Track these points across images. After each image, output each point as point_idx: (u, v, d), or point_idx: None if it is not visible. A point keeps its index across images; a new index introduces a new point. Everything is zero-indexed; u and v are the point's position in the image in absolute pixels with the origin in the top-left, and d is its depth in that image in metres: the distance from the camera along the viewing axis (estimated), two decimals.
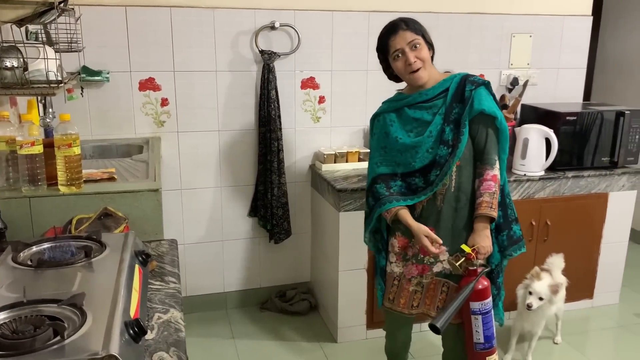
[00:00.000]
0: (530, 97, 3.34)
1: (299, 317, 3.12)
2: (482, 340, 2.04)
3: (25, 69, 1.77)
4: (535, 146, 2.91)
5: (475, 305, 2.00)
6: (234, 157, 3.00)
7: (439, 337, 2.13)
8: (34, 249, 1.52)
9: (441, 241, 1.95)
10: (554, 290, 2.58)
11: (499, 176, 1.98)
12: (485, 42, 3.25)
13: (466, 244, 1.99)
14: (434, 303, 2.10)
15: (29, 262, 1.44)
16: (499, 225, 2.06)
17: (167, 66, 2.77)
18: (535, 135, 2.90)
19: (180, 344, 1.27)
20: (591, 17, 3.42)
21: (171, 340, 1.28)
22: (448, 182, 1.97)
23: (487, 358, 2.07)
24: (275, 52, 2.87)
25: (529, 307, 2.56)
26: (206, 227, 3.05)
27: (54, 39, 2.11)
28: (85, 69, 2.59)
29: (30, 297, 1.21)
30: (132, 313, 1.22)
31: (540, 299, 2.56)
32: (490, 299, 2.02)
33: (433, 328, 1.86)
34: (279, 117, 2.92)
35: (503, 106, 3.24)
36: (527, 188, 2.91)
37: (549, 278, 2.63)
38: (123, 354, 1.03)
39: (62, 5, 1.90)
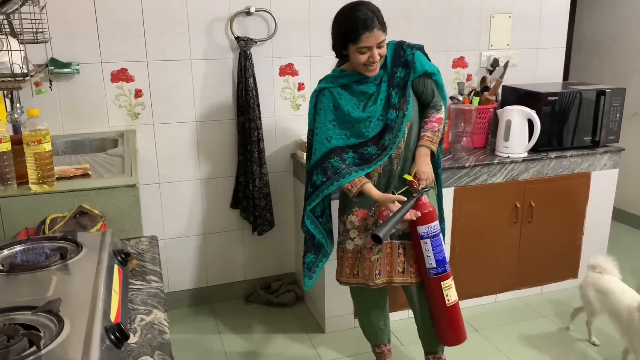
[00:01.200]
0: (511, 78, 3.31)
1: (285, 308, 3.08)
2: (434, 265, 2.11)
3: None
4: (518, 128, 2.89)
5: (422, 230, 2.08)
6: (212, 149, 2.92)
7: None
8: (5, 252, 1.44)
9: (404, 198, 2.01)
10: None
11: (443, 118, 2.16)
12: (464, 23, 3.21)
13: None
14: (395, 267, 2.19)
15: (0, 267, 1.37)
16: None
17: (140, 56, 2.67)
18: (518, 117, 2.88)
19: (165, 347, 1.21)
20: None
21: (155, 343, 1.22)
22: (402, 145, 2.09)
23: (441, 283, 2.13)
24: (252, 39, 2.78)
25: None
26: (187, 221, 2.97)
27: (18, 29, 1.99)
28: (54, 61, 2.48)
29: (1, 305, 1.14)
30: (112, 317, 1.16)
31: None
32: (437, 223, 2.10)
33: (375, 238, 1.93)
34: (258, 105, 2.85)
35: (484, 88, 3.21)
36: (510, 170, 2.90)
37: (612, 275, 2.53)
38: None
39: None
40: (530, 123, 2.88)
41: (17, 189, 1.74)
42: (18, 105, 2.38)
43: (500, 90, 3.24)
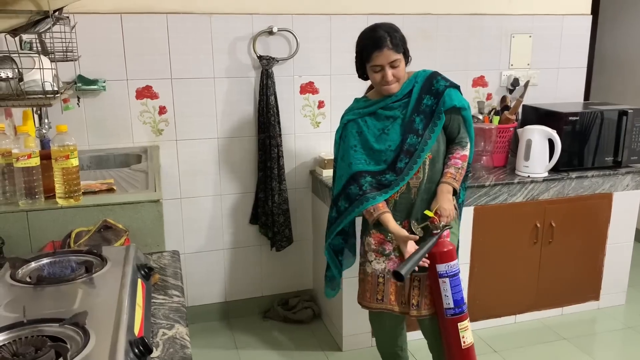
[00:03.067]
0: (531, 98, 3.31)
1: (302, 325, 3.08)
2: (452, 305, 2.06)
3: (21, 79, 1.72)
4: (539, 147, 2.88)
5: (441, 268, 2.05)
6: (233, 165, 2.96)
7: None
8: (33, 265, 1.47)
9: (417, 237, 2.04)
10: None
11: (467, 156, 2.16)
12: (485, 43, 3.22)
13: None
14: (409, 301, 2.17)
15: (28, 279, 1.40)
16: None
17: (164, 74, 2.73)
18: (538, 137, 2.87)
19: None
20: (590, 16, 3.40)
21: (177, 358, 1.24)
22: (422, 175, 2.09)
23: (458, 324, 2.08)
24: (274, 58, 2.83)
25: None
26: (206, 236, 3.00)
27: (49, 48, 2.06)
28: (81, 78, 2.55)
29: (30, 317, 1.17)
30: (136, 331, 1.18)
31: None
32: (456, 262, 2.07)
33: (396, 275, 1.93)
34: (279, 123, 2.88)
35: (504, 107, 3.21)
36: (531, 190, 2.88)
37: None
38: None
39: (56, 13, 1.86)
40: (551, 143, 2.87)
41: (44, 203, 1.78)
42: (46, 120, 2.45)
43: (520, 110, 3.24)
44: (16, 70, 1.70)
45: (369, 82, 2.21)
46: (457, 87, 2.14)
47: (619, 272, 3.20)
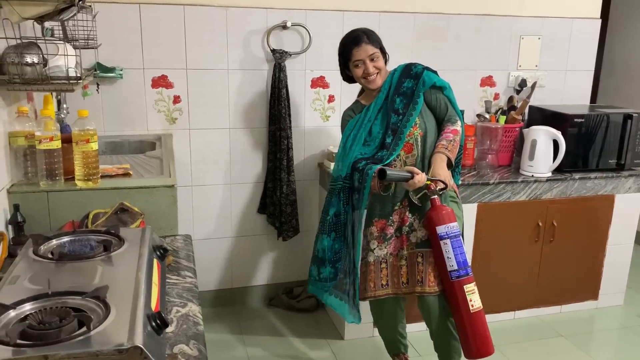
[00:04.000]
0: (538, 99, 3.36)
1: (306, 314, 3.15)
2: (455, 267, 2.07)
3: (45, 65, 1.80)
4: (543, 147, 2.93)
5: (441, 230, 2.08)
6: (243, 155, 3.03)
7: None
8: (54, 242, 1.54)
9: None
10: None
11: (459, 130, 2.24)
12: (494, 43, 3.27)
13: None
14: (414, 277, 2.21)
15: (50, 255, 1.47)
16: None
17: (180, 64, 2.80)
18: (544, 137, 2.93)
19: (199, 337, 1.31)
20: (599, 20, 3.44)
21: (191, 334, 1.31)
22: (416, 152, 2.21)
23: (464, 287, 2.07)
24: (287, 52, 2.89)
25: None
26: (216, 223, 3.08)
27: (71, 35, 2.13)
28: (99, 66, 2.62)
29: (54, 289, 1.24)
30: (153, 306, 1.25)
31: None
32: (456, 224, 2.11)
33: (381, 173, 2.02)
34: (289, 115, 2.95)
35: (511, 107, 3.26)
36: (534, 189, 2.94)
37: None
38: (147, 345, 1.06)
39: (80, 2, 1.92)
40: (556, 143, 2.92)
41: (64, 184, 1.86)
42: (64, 106, 2.52)
43: (527, 110, 3.29)
44: (41, 56, 1.78)
45: (357, 86, 2.38)
46: (434, 72, 2.28)
47: (618, 273, 3.25)
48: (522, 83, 3.33)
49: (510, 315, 3.13)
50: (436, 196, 2.11)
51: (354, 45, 2.21)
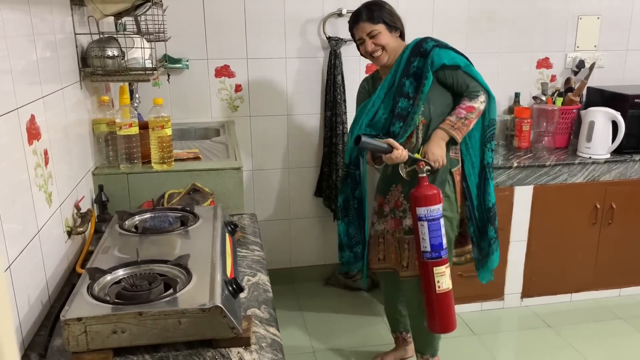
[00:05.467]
0: (597, 80, 3.30)
1: (361, 293, 3.26)
2: (428, 249, 2.07)
3: (123, 57, 1.96)
4: (601, 129, 2.90)
5: (421, 212, 2.06)
6: (300, 140, 3.15)
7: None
8: (137, 218, 1.71)
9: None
10: None
11: (476, 107, 2.11)
12: (550, 24, 3.24)
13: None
14: (401, 262, 2.26)
15: (134, 230, 1.64)
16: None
17: (241, 54, 2.94)
18: (602, 118, 2.90)
19: (269, 302, 1.43)
20: None
21: (261, 299, 1.44)
22: (415, 139, 2.16)
23: (434, 268, 2.09)
24: (342, 39, 2.98)
25: None
26: (274, 206, 3.23)
27: (144, 29, 2.30)
28: (168, 57, 2.79)
29: (142, 258, 1.40)
30: (228, 273, 1.39)
31: None
32: (438, 207, 2.06)
33: (357, 139, 2.02)
34: (345, 101, 3.04)
35: (568, 89, 3.23)
36: (592, 171, 2.92)
37: None
38: (226, 306, 1.20)
39: None
40: (615, 125, 2.89)
41: (141, 167, 2.02)
42: (137, 96, 2.70)
43: (585, 92, 3.24)
44: (120, 49, 1.95)
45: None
46: (448, 47, 2.15)
47: None
48: (580, 64, 3.28)
49: (567, 297, 3.13)
50: (424, 175, 2.06)
51: (353, 25, 2.18)
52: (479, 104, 2.12)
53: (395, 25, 2.17)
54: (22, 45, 1.38)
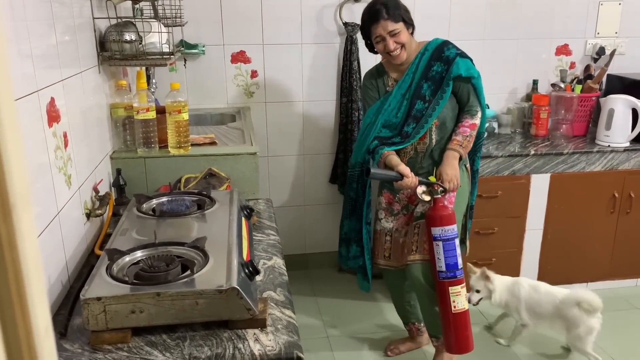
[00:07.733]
0: (618, 67, 3.24)
1: (375, 279, 3.25)
2: (443, 268, 2.11)
3: (141, 42, 1.97)
4: (621, 117, 2.86)
5: (436, 232, 2.11)
6: (316, 127, 3.15)
7: None
8: (154, 201, 1.73)
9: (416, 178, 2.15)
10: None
11: (477, 124, 2.23)
12: (570, 10, 3.18)
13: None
14: (409, 247, 2.28)
15: (151, 212, 1.66)
16: None
17: (257, 39, 2.94)
18: (621, 106, 2.85)
19: (284, 285, 1.44)
20: None
21: (277, 282, 1.45)
22: (428, 140, 2.21)
23: (449, 288, 2.12)
24: (358, 24, 2.94)
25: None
26: (289, 192, 3.24)
27: (161, 14, 2.30)
28: (184, 43, 2.79)
29: (159, 240, 1.41)
30: (244, 256, 1.40)
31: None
32: (453, 227, 2.12)
33: (367, 170, 2.09)
34: (360, 87, 3.02)
35: (588, 76, 3.18)
36: (610, 159, 2.88)
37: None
38: (242, 288, 1.21)
39: None
40: (635, 113, 2.85)
41: (159, 152, 2.04)
42: (153, 81, 2.72)
43: (604, 79, 3.19)
44: (137, 33, 1.95)
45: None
46: (468, 58, 2.21)
47: None
48: (600, 51, 3.23)
49: (583, 287, 3.10)
50: (439, 196, 2.12)
51: (372, 22, 2.16)
52: (477, 119, 2.24)
53: (411, 22, 2.22)
54: (42, 29, 1.39)
